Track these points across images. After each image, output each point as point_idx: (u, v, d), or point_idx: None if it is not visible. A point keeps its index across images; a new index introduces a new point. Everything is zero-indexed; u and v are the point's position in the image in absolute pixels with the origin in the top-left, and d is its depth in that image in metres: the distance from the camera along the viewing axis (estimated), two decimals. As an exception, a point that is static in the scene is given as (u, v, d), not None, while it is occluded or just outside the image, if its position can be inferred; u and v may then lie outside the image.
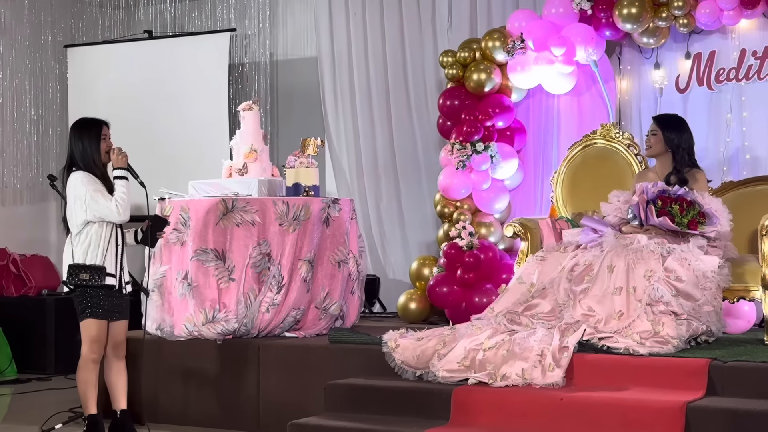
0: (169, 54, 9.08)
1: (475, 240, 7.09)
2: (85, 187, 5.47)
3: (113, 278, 5.50)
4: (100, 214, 5.47)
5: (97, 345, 5.54)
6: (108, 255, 5.49)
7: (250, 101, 7.00)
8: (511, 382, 5.14)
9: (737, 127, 6.94)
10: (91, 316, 5.50)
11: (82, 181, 5.50)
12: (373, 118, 8.43)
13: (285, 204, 6.40)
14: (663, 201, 5.69)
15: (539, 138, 7.51)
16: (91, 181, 5.50)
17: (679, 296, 5.34)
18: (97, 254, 5.47)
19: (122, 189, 5.49)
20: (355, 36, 8.51)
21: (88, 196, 5.46)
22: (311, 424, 5.25)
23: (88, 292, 5.47)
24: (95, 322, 5.51)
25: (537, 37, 7.09)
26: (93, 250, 5.47)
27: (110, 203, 5.45)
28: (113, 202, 5.46)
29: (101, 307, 5.49)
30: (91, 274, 5.43)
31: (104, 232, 5.50)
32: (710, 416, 4.65)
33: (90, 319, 5.50)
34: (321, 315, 6.57)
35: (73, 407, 6.54)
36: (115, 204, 5.46)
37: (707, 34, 7.01)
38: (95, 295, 5.48)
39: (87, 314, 5.50)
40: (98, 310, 5.49)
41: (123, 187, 5.50)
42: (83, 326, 5.54)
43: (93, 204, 5.46)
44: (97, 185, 5.51)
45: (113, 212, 5.46)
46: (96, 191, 5.47)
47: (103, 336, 5.56)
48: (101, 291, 5.48)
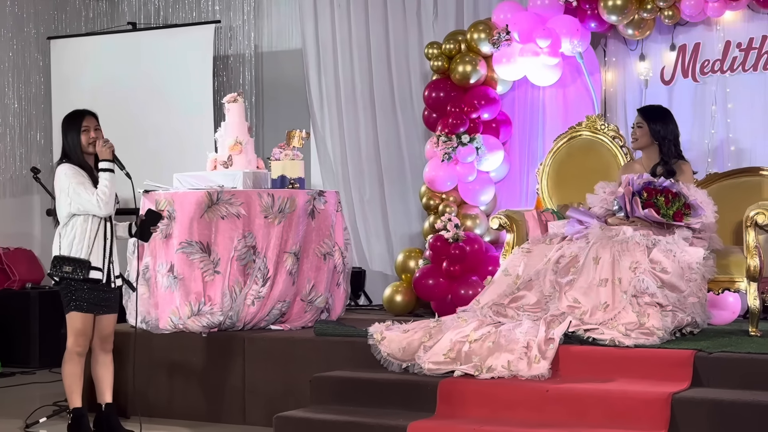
0: (153, 46, 9.04)
1: (460, 232, 7.09)
2: (69, 180, 5.44)
3: (99, 272, 5.46)
4: (83, 208, 5.44)
5: (82, 338, 5.52)
6: (95, 248, 5.46)
7: (234, 93, 6.98)
8: (497, 374, 5.14)
9: (722, 118, 6.95)
10: (76, 309, 5.47)
11: (65, 173, 5.47)
12: (357, 110, 8.41)
13: (270, 196, 6.38)
14: (648, 193, 5.70)
15: (525, 130, 7.52)
16: (75, 174, 5.46)
17: (664, 288, 5.36)
18: (83, 247, 5.44)
19: (105, 182, 5.45)
20: (339, 28, 8.48)
21: (71, 189, 5.43)
22: (297, 416, 5.24)
23: (73, 285, 5.45)
24: (80, 315, 5.48)
25: (522, 29, 7.09)
26: (78, 243, 5.44)
27: (92, 197, 5.41)
28: (94, 195, 5.42)
29: (86, 301, 5.47)
30: (74, 266, 5.41)
31: (90, 225, 5.46)
32: (695, 407, 4.66)
33: (74, 312, 5.48)
34: (307, 307, 6.56)
35: (58, 401, 6.52)
36: (96, 197, 5.42)
37: (692, 26, 7.02)
38: (80, 288, 5.45)
39: (72, 307, 5.48)
40: (83, 303, 5.47)
41: (106, 180, 5.46)
42: (68, 319, 5.52)
43: (75, 197, 5.43)
44: (81, 178, 5.47)
45: (94, 206, 5.42)
46: (79, 184, 5.43)
47: (88, 329, 5.53)
48: (86, 284, 5.45)
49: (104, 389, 5.66)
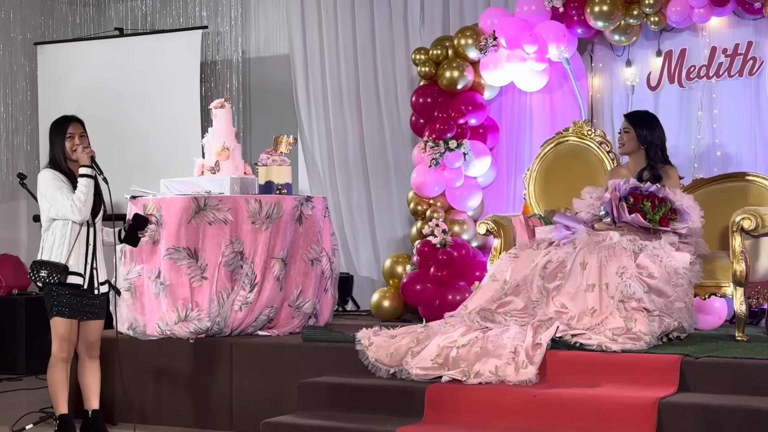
0: (140, 51, 9.02)
1: (448, 237, 7.10)
2: (47, 185, 5.42)
3: (79, 277, 5.43)
4: (60, 213, 5.42)
5: (66, 344, 5.49)
6: (74, 253, 5.42)
7: (222, 99, 6.98)
8: (484, 380, 5.14)
9: (708, 124, 6.97)
10: (58, 315, 5.44)
11: (45, 178, 5.45)
12: (344, 115, 8.42)
13: (257, 202, 6.38)
14: (635, 198, 5.71)
15: (512, 135, 7.53)
16: (54, 179, 5.44)
17: (651, 293, 5.37)
18: (62, 252, 5.41)
19: (82, 188, 5.40)
20: (327, 33, 8.49)
21: (48, 193, 5.41)
22: (285, 422, 5.23)
23: (55, 290, 5.42)
24: (62, 320, 5.45)
25: (509, 35, 7.11)
26: (58, 248, 5.42)
27: (66, 202, 5.38)
28: (69, 200, 5.39)
29: (68, 306, 5.44)
30: (50, 271, 5.37)
31: (70, 230, 5.43)
32: (682, 412, 4.67)
33: (57, 317, 5.45)
34: (294, 313, 6.55)
35: (44, 407, 6.49)
36: (71, 203, 5.38)
37: (678, 32, 7.04)
38: (61, 293, 5.42)
39: (54, 312, 5.45)
40: (65, 309, 5.43)
41: (83, 186, 5.40)
42: (51, 325, 5.49)
43: (53, 201, 5.41)
44: (60, 183, 5.44)
45: (69, 210, 5.39)
46: (56, 189, 5.41)
47: (72, 335, 5.50)
48: (67, 290, 5.42)
49: (91, 395, 5.64)
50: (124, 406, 6.18)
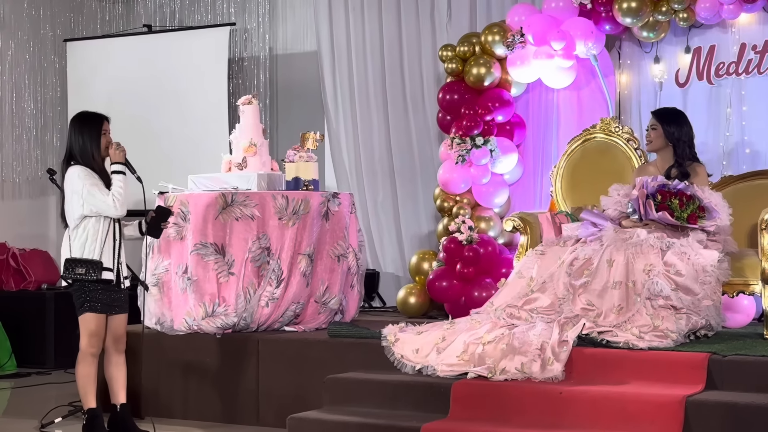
0: (168, 48, 9.07)
1: (474, 234, 7.09)
2: (82, 182, 5.46)
3: (110, 273, 5.49)
4: (97, 209, 5.46)
5: (95, 339, 5.54)
6: (105, 249, 5.48)
7: (249, 95, 7.00)
8: (510, 376, 5.14)
9: (737, 121, 6.93)
10: (90, 311, 5.50)
11: (78, 175, 5.49)
12: (371, 112, 8.42)
13: (284, 198, 6.40)
14: (662, 195, 5.69)
15: (539, 132, 7.51)
16: (88, 176, 5.49)
17: (678, 290, 5.34)
18: (95, 249, 5.46)
19: (119, 184, 5.48)
20: (354, 30, 8.50)
21: (84, 190, 5.45)
22: (311, 418, 5.25)
23: (86, 286, 5.47)
24: (94, 316, 5.50)
25: (536, 32, 7.09)
26: (90, 245, 5.46)
27: (107, 198, 5.44)
28: (110, 196, 5.45)
29: (99, 302, 5.49)
30: (87, 268, 5.43)
31: (101, 226, 5.49)
32: (709, 410, 4.65)
33: (88, 313, 5.50)
34: (320, 309, 6.57)
35: (73, 401, 6.54)
36: (111, 198, 5.44)
37: (707, 28, 7.00)
38: (93, 289, 5.47)
39: (86, 308, 5.50)
40: (96, 305, 5.49)
41: (120, 181, 5.49)
42: (82, 320, 5.54)
43: (90, 198, 5.45)
44: (94, 179, 5.49)
45: (110, 207, 5.45)
46: (93, 185, 5.46)
47: (101, 330, 5.55)
48: (99, 285, 5.47)
49: (118, 390, 5.68)
50: (150, 400, 6.22)
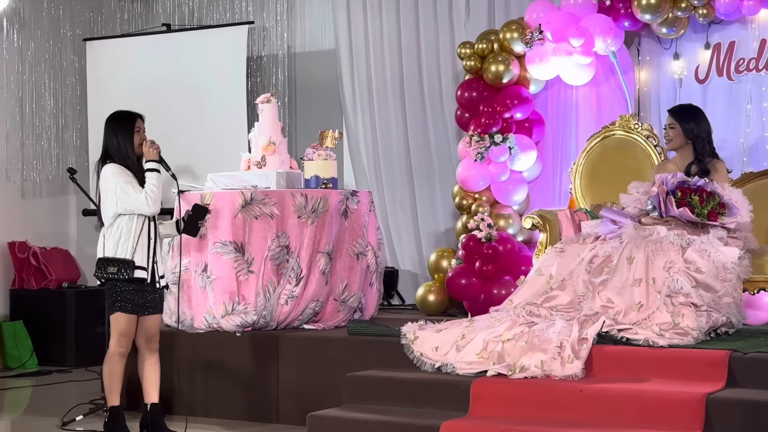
0: (187, 47, 9.09)
1: (493, 232, 7.08)
2: (116, 180, 5.47)
3: (144, 271, 5.48)
4: (131, 207, 5.47)
5: (125, 339, 5.53)
6: (139, 248, 5.48)
7: (268, 93, 7.01)
8: (530, 374, 5.13)
9: (757, 117, 6.90)
10: (120, 310, 5.49)
11: (113, 173, 5.50)
12: (389, 110, 8.42)
13: (303, 196, 6.41)
14: (682, 192, 5.67)
15: (558, 129, 7.49)
16: (122, 173, 5.50)
17: (698, 288, 5.32)
18: (128, 247, 5.47)
19: (153, 181, 5.49)
20: (372, 28, 8.50)
21: (118, 188, 5.46)
22: (330, 415, 5.26)
23: (118, 285, 5.47)
24: (124, 316, 5.49)
25: (555, 28, 7.07)
26: (123, 243, 5.47)
27: (140, 195, 5.45)
28: (143, 194, 5.45)
29: (130, 302, 5.49)
30: (119, 267, 5.43)
31: (135, 224, 5.49)
32: (730, 408, 4.63)
33: (119, 313, 5.50)
34: (340, 307, 6.58)
35: (94, 399, 6.59)
36: (145, 196, 5.45)
37: (727, 24, 6.97)
38: (125, 289, 5.47)
39: (116, 308, 5.50)
40: (127, 305, 5.48)
41: (154, 179, 5.49)
42: (112, 320, 5.53)
43: (123, 196, 5.46)
44: (128, 177, 5.51)
45: (143, 204, 5.46)
46: (126, 183, 5.47)
47: (131, 330, 5.54)
48: (131, 285, 5.47)
49: (150, 389, 5.67)
50: (171, 398, 6.25)
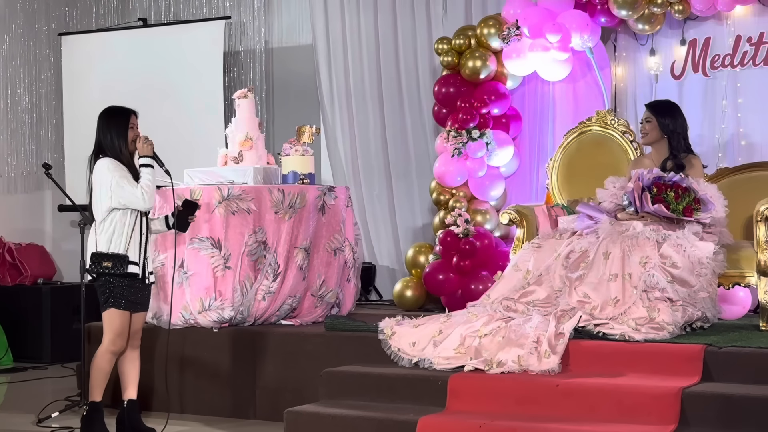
0: (163, 42, 9.05)
1: (470, 227, 7.09)
2: (111, 174, 5.44)
3: (136, 267, 5.45)
4: (125, 201, 5.43)
5: (120, 339, 5.47)
6: (132, 243, 5.44)
7: (245, 89, 7.00)
8: (507, 369, 5.14)
9: (732, 113, 6.93)
10: (114, 306, 5.43)
11: (108, 167, 5.46)
12: (367, 105, 8.42)
13: (281, 192, 6.40)
14: (658, 188, 5.69)
15: (535, 125, 7.51)
16: (117, 168, 5.47)
17: (674, 282, 5.35)
18: (121, 242, 5.42)
19: (148, 176, 5.46)
20: (349, 24, 8.48)
21: (113, 182, 5.42)
22: (308, 411, 5.25)
23: (111, 281, 5.42)
24: (118, 313, 5.43)
25: (532, 24, 7.08)
26: (117, 238, 5.43)
27: (135, 189, 5.41)
28: (138, 188, 5.41)
29: (124, 298, 5.44)
30: (114, 262, 5.39)
31: (128, 219, 5.45)
32: (705, 402, 4.66)
33: (113, 309, 5.43)
34: (317, 303, 6.58)
35: (70, 396, 6.56)
36: (140, 191, 5.41)
37: (702, 20, 7.00)
38: (118, 285, 5.42)
39: (110, 304, 5.44)
40: (120, 301, 5.43)
41: (148, 174, 5.46)
42: (106, 317, 5.47)
43: (118, 190, 5.42)
44: (123, 172, 5.47)
45: (138, 198, 5.42)
46: (122, 177, 5.44)
47: (125, 329, 5.48)
48: (124, 281, 5.42)
49: (129, 385, 5.63)
50: (147, 394, 6.22)
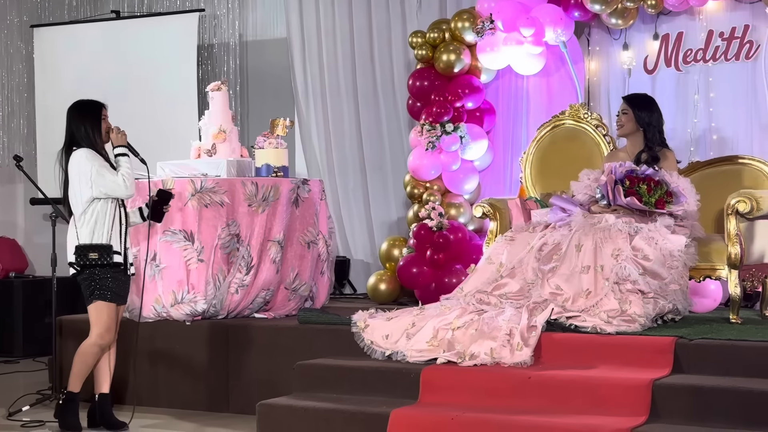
0: (136, 34, 9.00)
1: (444, 221, 7.10)
2: (91, 163, 5.41)
3: (120, 256, 5.43)
4: (107, 190, 5.40)
5: (108, 334, 5.44)
6: (114, 233, 5.42)
7: (218, 81, 6.97)
8: (479, 362, 5.16)
9: (704, 107, 6.98)
10: (100, 298, 5.40)
11: (86, 157, 5.43)
12: (341, 99, 8.41)
13: (254, 185, 6.38)
14: (631, 181, 5.72)
15: (508, 119, 7.53)
16: (95, 157, 5.45)
17: (646, 275, 5.38)
18: (104, 232, 5.39)
19: (126, 165, 5.46)
20: (324, 17, 8.47)
21: (94, 171, 5.39)
22: (281, 404, 5.25)
23: (96, 273, 5.39)
24: (105, 305, 5.40)
25: (506, 18, 7.10)
26: (99, 229, 5.39)
27: (117, 177, 5.40)
28: (120, 176, 5.40)
29: (109, 290, 5.40)
30: (100, 252, 5.35)
31: (109, 209, 5.42)
32: (676, 393, 4.69)
33: (99, 301, 5.40)
34: (290, 296, 6.57)
35: (41, 389, 6.52)
36: (122, 178, 5.40)
37: (675, 15, 7.04)
38: (104, 276, 5.39)
39: (96, 296, 5.41)
40: (106, 293, 5.40)
41: (126, 163, 5.47)
42: (92, 310, 5.44)
43: (99, 179, 5.39)
44: (102, 161, 5.45)
45: (120, 186, 5.39)
46: (102, 166, 5.42)
47: (113, 322, 5.45)
48: (109, 272, 5.39)
49: (102, 379, 5.61)
50: (120, 387, 6.19)
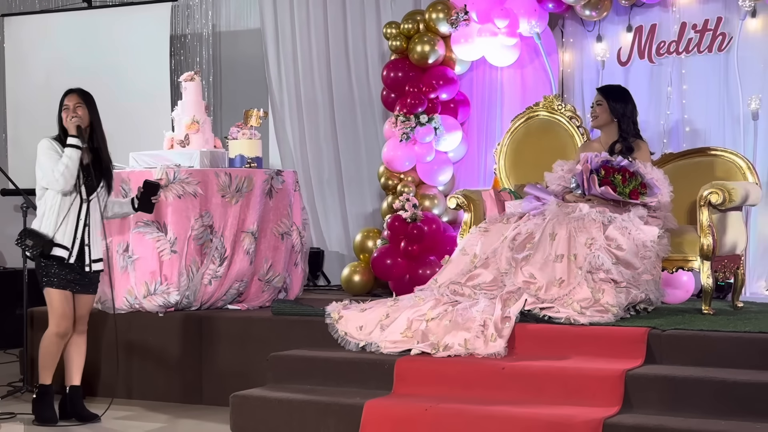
0: (108, 24, 8.94)
1: (418, 212, 7.10)
2: (41, 152, 5.37)
3: (65, 251, 5.35)
4: (44, 183, 5.36)
5: (64, 321, 5.40)
6: (63, 227, 5.35)
7: (191, 72, 6.93)
8: (453, 353, 5.16)
9: (677, 99, 7.01)
10: (48, 285, 5.38)
11: (41, 146, 5.40)
12: (315, 89, 8.38)
13: (227, 175, 6.35)
14: (606, 171, 5.74)
15: (483, 110, 7.54)
16: (49, 148, 5.38)
17: (619, 264, 5.40)
18: (50, 224, 5.34)
19: (64, 158, 5.32)
20: (298, 7, 8.44)
21: (40, 161, 5.36)
22: (254, 395, 5.23)
23: (42, 261, 5.37)
24: (56, 292, 5.37)
25: (480, 9, 7.10)
26: (47, 220, 5.35)
27: (54, 171, 5.29)
28: (56, 170, 5.30)
29: (57, 276, 5.37)
30: (36, 242, 5.31)
31: (60, 201, 5.36)
32: (649, 383, 4.71)
33: (48, 288, 5.38)
34: (264, 287, 6.55)
35: (12, 381, 6.46)
36: (58, 172, 5.29)
37: (648, 7, 7.06)
38: (49, 264, 5.36)
39: (45, 283, 5.40)
40: (53, 279, 5.37)
41: (66, 155, 5.32)
42: (46, 297, 5.43)
43: (42, 169, 5.35)
44: (52, 153, 5.36)
45: (53, 178, 5.32)
46: (47, 157, 5.34)
47: (69, 311, 5.41)
48: (54, 261, 5.36)
49: (73, 371, 5.58)
50: (92, 379, 6.16)
